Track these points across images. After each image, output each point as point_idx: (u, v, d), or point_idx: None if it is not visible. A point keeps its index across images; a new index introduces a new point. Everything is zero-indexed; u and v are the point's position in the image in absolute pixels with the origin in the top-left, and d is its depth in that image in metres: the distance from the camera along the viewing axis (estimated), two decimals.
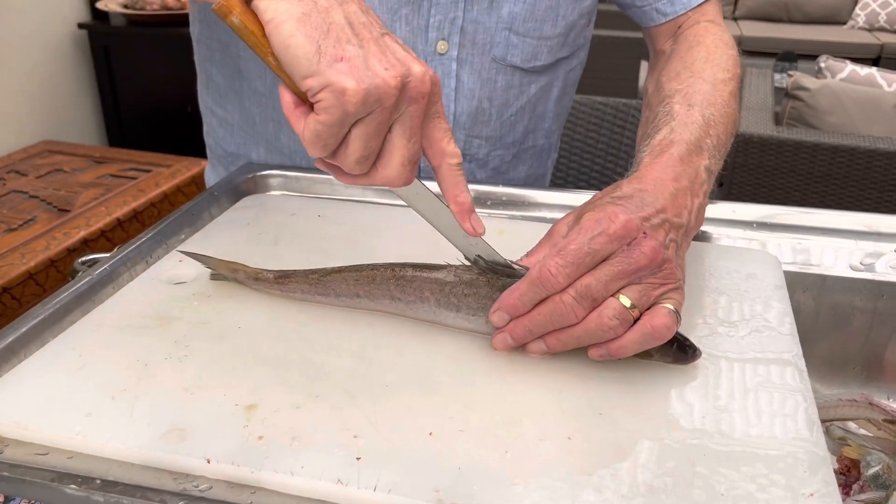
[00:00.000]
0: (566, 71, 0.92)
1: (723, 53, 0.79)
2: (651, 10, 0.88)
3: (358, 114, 0.46)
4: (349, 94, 0.45)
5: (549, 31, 0.85)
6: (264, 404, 0.50)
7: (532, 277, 0.51)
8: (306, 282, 0.61)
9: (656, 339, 0.51)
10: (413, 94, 0.48)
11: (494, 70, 0.85)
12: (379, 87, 0.46)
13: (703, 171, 0.62)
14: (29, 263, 1.61)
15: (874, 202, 1.97)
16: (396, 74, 0.46)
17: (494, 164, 0.93)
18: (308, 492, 0.44)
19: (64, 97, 2.52)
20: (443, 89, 0.83)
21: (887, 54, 4.29)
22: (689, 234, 0.59)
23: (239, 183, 0.85)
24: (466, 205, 0.54)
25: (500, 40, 0.83)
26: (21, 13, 2.32)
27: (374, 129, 0.47)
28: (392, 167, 0.49)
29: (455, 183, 0.53)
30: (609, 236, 0.51)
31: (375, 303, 0.59)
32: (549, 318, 0.52)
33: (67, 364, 0.54)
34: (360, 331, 0.59)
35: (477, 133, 0.88)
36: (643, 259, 0.51)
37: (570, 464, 0.45)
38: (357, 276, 0.59)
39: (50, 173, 2.06)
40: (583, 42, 0.91)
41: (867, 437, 0.65)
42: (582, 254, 0.51)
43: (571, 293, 0.51)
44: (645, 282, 0.51)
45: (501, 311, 0.54)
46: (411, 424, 0.48)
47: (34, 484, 0.45)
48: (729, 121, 0.70)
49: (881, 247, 0.74)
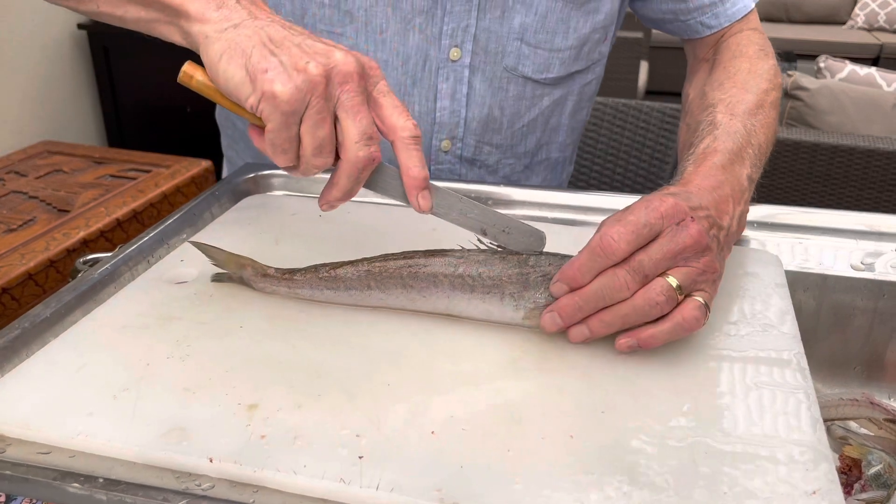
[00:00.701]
0: (581, 85, 0.91)
1: (764, 64, 0.81)
2: (696, 24, 0.88)
3: (296, 111, 0.51)
4: (280, 96, 0.50)
5: (561, 43, 0.85)
6: (266, 403, 0.50)
7: (593, 246, 0.54)
8: (315, 276, 0.61)
9: (686, 331, 0.54)
10: (341, 77, 0.51)
11: (506, 79, 0.86)
12: (305, 80, 0.50)
13: (745, 180, 0.64)
14: (28, 264, 1.61)
15: (873, 202, 1.97)
16: (318, 64, 0.51)
17: (505, 173, 0.93)
18: (310, 490, 0.44)
19: (63, 98, 2.52)
20: (454, 95, 0.84)
21: (886, 54, 4.29)
22: (731, 238, 0.61)
23: (240, 183, 0.85)
24: (416, 179, 0.56)
25: (512, 50, 0.84)
26: (21, 13, 2.32)
27: (316, 119, 0.52)
28: (350, 149, 0.53)
29: (408, 156, 0.55)
30: (661, 213, 0.54)
31: (387, 294, 0.59)
32: (601, 292, 0.53)
33: (69, 363, 0.54)
34: (362, 330, 0.59)
35: (488, 140, 0.89)
36: (689, 239, 0.53)
37: (572, 462, 0.45)
38: (369, 268, 0.59)
39: (49, 174, 2.05)
40: (598, 57, 0.91)
41: (868, 437, 0.65)
42: (640, 224, 0.53)
43: (625, 267, 0.53)
44: (689, 265, 0.54)
45: (561, 283, 0.55)
46: (413, 423, 0.48)
47: (37, 483, 0.45)
48: (770, 130, 0.72)
49: (881, 246, 0.74)
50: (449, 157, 0.88)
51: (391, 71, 0.83)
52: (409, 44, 0.81)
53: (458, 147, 0.88)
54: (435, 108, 0.85)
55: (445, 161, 0.89)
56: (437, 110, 0.85)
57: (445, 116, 0.85)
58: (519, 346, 0.56)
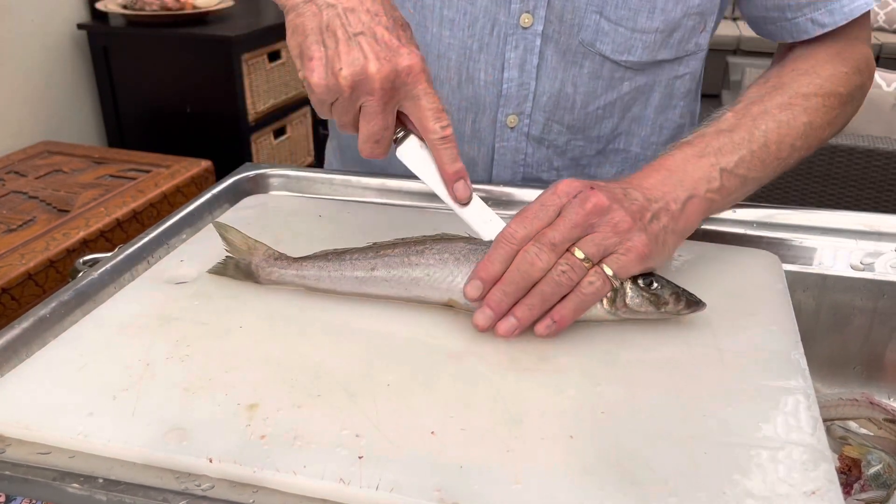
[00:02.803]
0: (671, 77, 0.84)
1: (832, 69, 0.75)
2: (805, 22, 0.78)
3: (325, 101, 0.59)
4: (313, 87, 0.58)
5: (645, 23, 0.78)
6: (266, 404, 0.50)
7: (497, 239, 0.58)
8: (324, 258, 0.62)
9: (589, 300, 0.57)
10: (366, 89, 0.57)
11: (581, 55, 0.79)
12: (335, 83, 0.57)
13: (716, 173, 0.65)
14: (28, 264, 1.61)
15: (873, 202, 1.97)
16: (348, 75, 0.57)
17: (574, 155, 0.87)
18: (310, 491, 0.44)
19: (63, 98, 2.52)
20: (524, 66, 0.79)
21: (886, 54, 4.30)
22: (672, 218, 0.61)
23: (240, 183, 0.85)
24: (449, 174, 0.61)
25: (590, 24, 0.78)
26: (20, 13, 2.32)
27: (340, 110, 0.59)
28: (361, 140, 0.61)
29: (440, 156, 0.61)
30: (556, 191, 0.58)
31: (390, 275, 0.60)
32: (518, 273, 0.56)
33: (69, 364, 0.54)
34: (362, 330, 0.59)
35: (558, 119, 0.83)
36: (588, 204, 0.57)
37: (572, 463, 0.45)
38: (377, 249, 0.62)
39: (49, 174, 2.05)
40: (694, 49, 0.82)
41: (868, 437, 0.65)
42: (535, 205, 0.58)
43: (533, 243, 0.56)
44: (597, 230, 0.57)
45: (475, 281, 0.58)
46: (413, 424, 0.48)
47: (36, 483, 0.45)
48: (794, 133, 0.70)
49: (881, 246, 0.74)
50: (515, 134, 0.84)
51: (457, 31, 0.79)
52: (476, 3, 0.78)
53: (525, 124, 0.83)
54: (502, 78, 0.80)
55: (510, 138, 0.84)
56: (503, 81, 0.80)
57: (513, 88, 0.81)
58: (519, 347, 0.57)
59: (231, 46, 2.37)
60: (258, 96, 2.52)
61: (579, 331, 0.58)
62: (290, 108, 2.72)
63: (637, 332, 0.59)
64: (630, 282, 0.58)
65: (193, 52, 2.44)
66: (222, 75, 2.42)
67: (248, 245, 0.64)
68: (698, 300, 0.59)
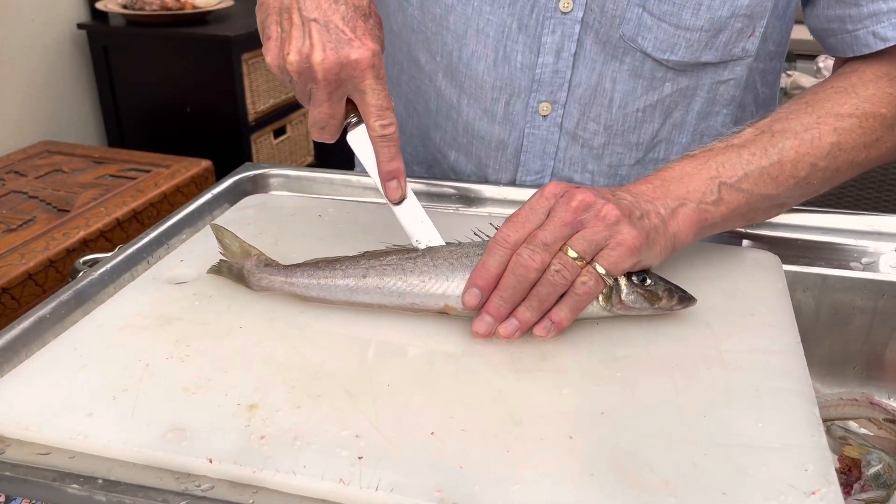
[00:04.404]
0: (714, 81, 0.79)
1: (874, 89, 0.71)
2: (867, 35, 0.72)
3: (282, 80, 0.62)
4: (269, 64, 0.62)
5: (689, 20, 0.74)
6: (265, 404, 0.50)
7: (490, 244, 0.58)
8: (314, 266, 0.62)
9: (584, 300, 0.57)
10: (309, 77, 0.60)
11: (622, 50, 0.76)
12: (283, 67, 0.60)
13: (715, 186, 0.64)
14: (28, 264, 1.60)
15: (873, 202, 1.97)
16: (293, 61, 0.59)
17: (611, 161, 0.83)
18: (310, 491, 0.44)
19: (63, 97, 2.52)
20: (560, 52, 0.77)
21: None
22: (662, 220, 0.61)
23: (240, 183, 0.85)
24: (384, 172, 0.63)
25: (632, 17, 0.74)
26: (20, 13, 2.32)
27: (297, 91, 0.62)
28: (308, 123, 0.64)
29: (377, 152, 0.63)
30: (543, 195, 0.59)
31: (383, 282, 0.59)
32: (514, 276, 0.57)
33: (68, 364, 0.54)
34: (361, 331, 0.59)
35: (594, 116, 0.80)
36: (574, 202, 0.57)
37: (572, 463, 0.45)
38: (369, 256, 0.61)
39: (49, 174, 2.05)
40: (741, 54, 0.78)
41: (868, 437, 0.65)
42: (524, 213, 0.58)
43: (525, 245, 0.57)
44: (586, 226, 0.57)
45: (472, 289, 0.58)
46: (413, 424, 0.48)
47: (36, 484, 0.45)
48: (816, 153, 0.67)
49: (881, 246, 0.74)
50: (547, 123, 0.81)
51: (497, 7, 0.77)
52: None
53: (558, 114, 0.80)
54: (536, 62, 0.78)
55: (542, 127, 0.81)
56: (538, 66, 0.78)
57: (546, 75, 0.78)
58: (519, 347, 0.57)
59: (231, 46, 2.37)
60: (258, 96, 2.51)
61: (579, 331, 0.58)
62: (290, 107, 2.72)
63: (637, 332, 0.59)
64: (625, 279, 0.58)
65: (193, 51, 2.44)
66: (222, 75, 2.42)
67: (242, 249, 0.64)
68: (690, 296, 0.59)
